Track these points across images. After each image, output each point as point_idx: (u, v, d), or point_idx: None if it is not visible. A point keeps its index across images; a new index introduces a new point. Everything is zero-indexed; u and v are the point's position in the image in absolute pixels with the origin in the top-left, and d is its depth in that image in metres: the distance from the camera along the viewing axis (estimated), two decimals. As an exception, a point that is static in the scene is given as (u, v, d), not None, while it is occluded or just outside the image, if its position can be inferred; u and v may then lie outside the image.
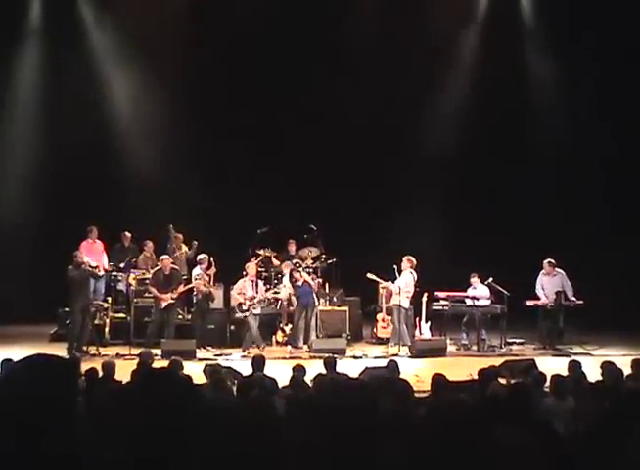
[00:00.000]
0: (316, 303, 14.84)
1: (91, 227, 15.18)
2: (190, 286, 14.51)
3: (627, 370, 8.57)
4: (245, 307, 14.24)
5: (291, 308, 15.06)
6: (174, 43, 16.82)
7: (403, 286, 14.51)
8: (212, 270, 14.68)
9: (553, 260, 14.89)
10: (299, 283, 14.60)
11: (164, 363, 9.86)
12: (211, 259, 14.66)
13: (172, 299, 14.21)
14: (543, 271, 14.97)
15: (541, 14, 17.92)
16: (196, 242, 15.66)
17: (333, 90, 17.43)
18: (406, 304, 14.58)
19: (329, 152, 17.58)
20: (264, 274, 15.71)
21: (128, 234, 16.22)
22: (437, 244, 16.93)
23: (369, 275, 14.87)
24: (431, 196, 17.91)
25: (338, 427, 3.18)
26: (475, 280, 14.86)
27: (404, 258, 14.66)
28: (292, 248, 16.26)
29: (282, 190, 17.61)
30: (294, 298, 14.90)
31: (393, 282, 14.66)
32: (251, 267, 14.67)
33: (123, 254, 16.00)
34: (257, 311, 14.38)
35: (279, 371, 9.99)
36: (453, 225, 17.35)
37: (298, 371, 8.59)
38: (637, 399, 5.12)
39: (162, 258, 14.69)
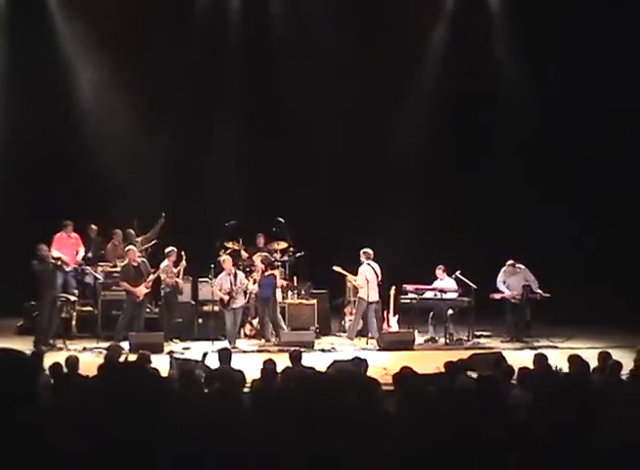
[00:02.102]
0: (277, 297, 14.76)
1: (67, 222, 15.12)
2: (158, 273, 14.35)
3: (594, 363, 8.64)
4: (225, 302, 14.19)
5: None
6: (142, 33, 16.56)
7: (365, 279, 14.53)
8: (182, 264, 14.57)
9: (512, 261, 14.90)
10: (266, 274, 14.55)
11: (133, 357, 9.79)
12: (182, 253, 14.55)
13: (147, 288, 14.07)
14: (504, 269, 15.02)
15: (509, 3, 17.90)
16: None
17: (301, 86, 17.30)
18: (374, 296, 14.62)
19: (298, 146, 17.52)
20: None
21: (94, 227, 16.06)
22: (405, 237, 16.92)
23: (335, 268, 14.92)
24: (399, 190, 17.89)
25: (304, 419, 3.17)
26: (440, 272, 14.88)
27: (360, 252, 14.70)
28: (260, 241, 16.19)
29: (250, 183, 17.55)
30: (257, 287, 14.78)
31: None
32: (227, 261, 14.54)
33: (89, 246, 15.86)
34: (238, 304, 14.29)
35: (247, 364, 9.98)
36: (421, 219, 17.35)
37: (269, 365, 8.56)
38: (603, 392, 5.16)
39: (129, 249, 14.47)
